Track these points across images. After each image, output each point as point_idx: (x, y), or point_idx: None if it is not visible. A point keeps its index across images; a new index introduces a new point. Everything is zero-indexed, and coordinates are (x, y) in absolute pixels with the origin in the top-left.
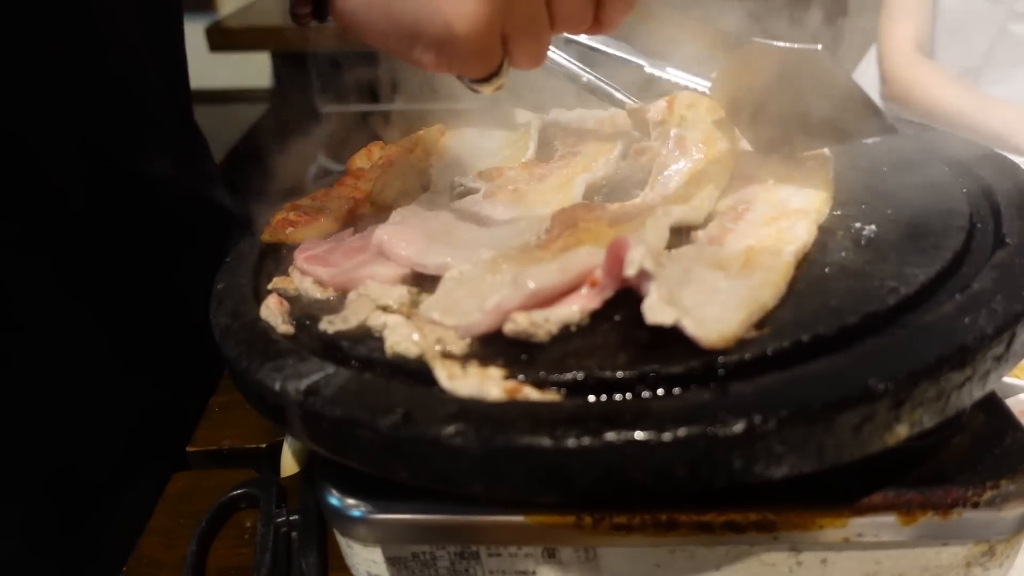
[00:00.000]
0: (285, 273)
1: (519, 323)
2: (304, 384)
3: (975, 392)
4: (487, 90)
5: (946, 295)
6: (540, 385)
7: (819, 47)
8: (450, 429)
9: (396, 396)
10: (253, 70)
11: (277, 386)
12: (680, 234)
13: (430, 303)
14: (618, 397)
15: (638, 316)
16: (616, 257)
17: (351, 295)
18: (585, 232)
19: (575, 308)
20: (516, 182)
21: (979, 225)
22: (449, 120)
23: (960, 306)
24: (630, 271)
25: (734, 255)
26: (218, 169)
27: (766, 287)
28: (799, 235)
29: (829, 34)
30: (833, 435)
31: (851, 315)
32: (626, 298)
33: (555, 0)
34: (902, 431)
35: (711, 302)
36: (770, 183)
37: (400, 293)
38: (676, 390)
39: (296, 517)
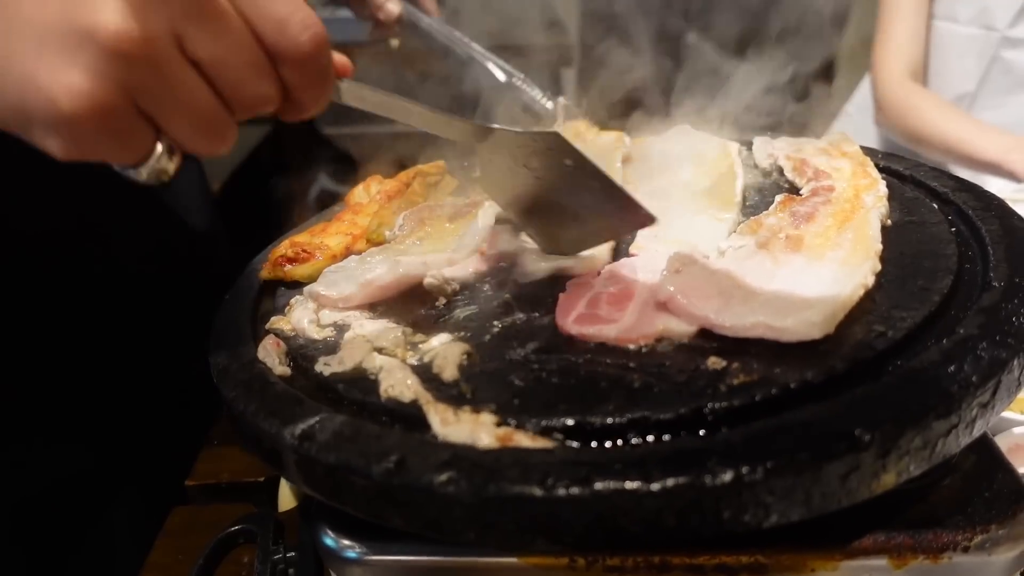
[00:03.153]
0: (282, 311)
1: (433, 280)
2: (299, 429)
3: (962, 439)
4: (143, 176)
5: (933, 339)
6: (532, 431)
7: (556, 130)
8: (442, 477)
9: (390, 442)
10: None
11: (273, 430)
12: None
13: (313, 284)
14: (608, 443)
15: (626, 361)
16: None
17: (347, 335)
18: (432, 227)
19: (470, 270)
20: (783, 228)
21: (967, 266)
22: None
23: (946, 352)
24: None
25: None
26: (208, 191)
27: None
28: None
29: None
30: (821, 484)
31: (839, 361)
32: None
33: (217, 73)
34: (889, 479)
35: None
36: None
37: (395, 335)
38: (666, 436)
39: (293, 554)
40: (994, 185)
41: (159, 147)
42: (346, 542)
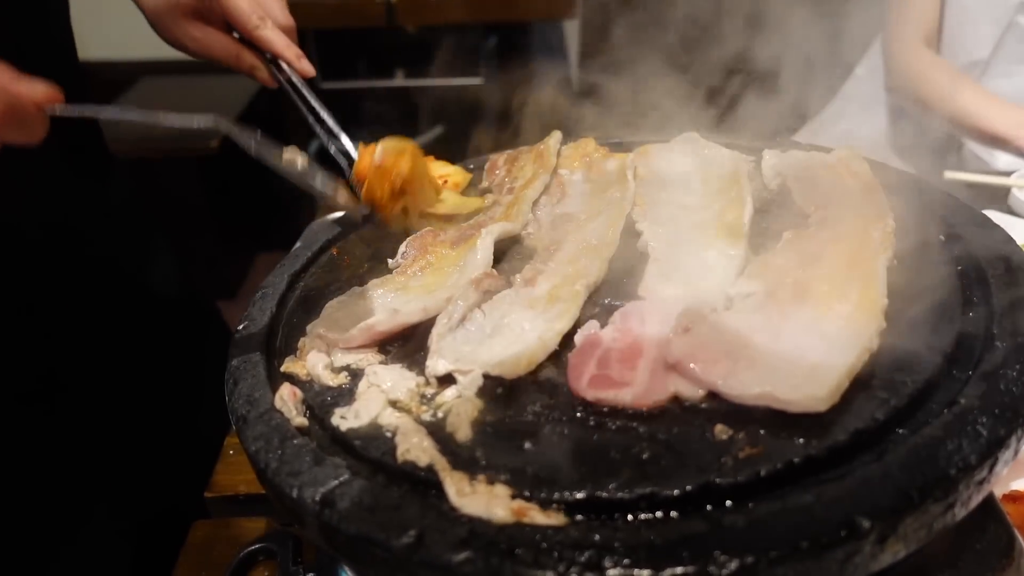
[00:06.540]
0: (295, 349)
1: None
2: (320, 493)
3: (959, 514)
4: None
5: (935, 405)
6: (544, 505)
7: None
8: (460, 557)
9: (409, 514)
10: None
11: (295, 494)
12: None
13: (316, 323)
14: (618, 518)
15: (636, 426)
16: None
17: (361, 385)
18: (434, 254)
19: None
20: (791, 271)
21: (971, 314)
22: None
23: (946, 426)
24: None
25: (541, 295)
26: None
27: (563, 317)
28: (592, 272)
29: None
30: (821, 569)
31: (842, 432)
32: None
33: None
34: (886, 559)
35: (516, 341)
36: (583, 219)
37: (409, 387)
38: (673, 513)
39: (312, 574)
40: (1003, 159)
41: None
42: None
